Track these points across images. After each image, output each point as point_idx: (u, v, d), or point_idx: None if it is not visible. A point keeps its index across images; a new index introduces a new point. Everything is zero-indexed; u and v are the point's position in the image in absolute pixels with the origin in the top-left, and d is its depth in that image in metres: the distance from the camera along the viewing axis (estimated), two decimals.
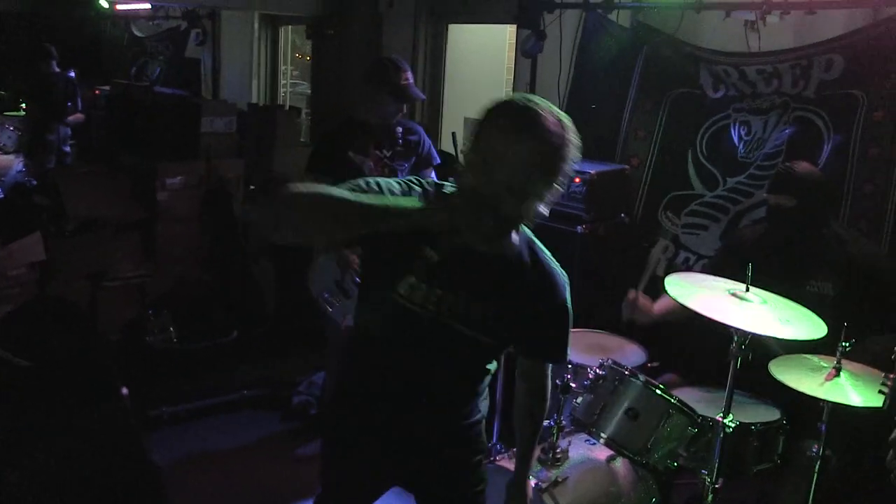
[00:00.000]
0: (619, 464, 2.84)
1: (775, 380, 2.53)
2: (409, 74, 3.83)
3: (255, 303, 5.45)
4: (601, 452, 2.87)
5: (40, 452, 3.13)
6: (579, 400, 2.74)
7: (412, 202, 1.82)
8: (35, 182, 6.47)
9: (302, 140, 6.59)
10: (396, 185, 1.90)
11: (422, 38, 6.07)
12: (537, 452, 2.40)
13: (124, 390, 3.61)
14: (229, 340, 4.97)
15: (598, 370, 2.72)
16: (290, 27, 7.71)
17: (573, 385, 2.78)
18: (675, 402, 2.57)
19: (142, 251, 5.23)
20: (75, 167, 6.91)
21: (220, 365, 4.72)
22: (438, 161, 4.16)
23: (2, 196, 6.16)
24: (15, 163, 7.06)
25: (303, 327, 4.73)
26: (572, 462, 2.77)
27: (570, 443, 2.87)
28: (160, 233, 5.27)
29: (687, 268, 4.15)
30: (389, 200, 1.80)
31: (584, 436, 2.95)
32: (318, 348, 4.59)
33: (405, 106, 3.85)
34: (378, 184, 1.87)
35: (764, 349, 2.61)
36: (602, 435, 2.62)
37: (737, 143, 4.09)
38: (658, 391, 2.59)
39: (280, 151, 6.12)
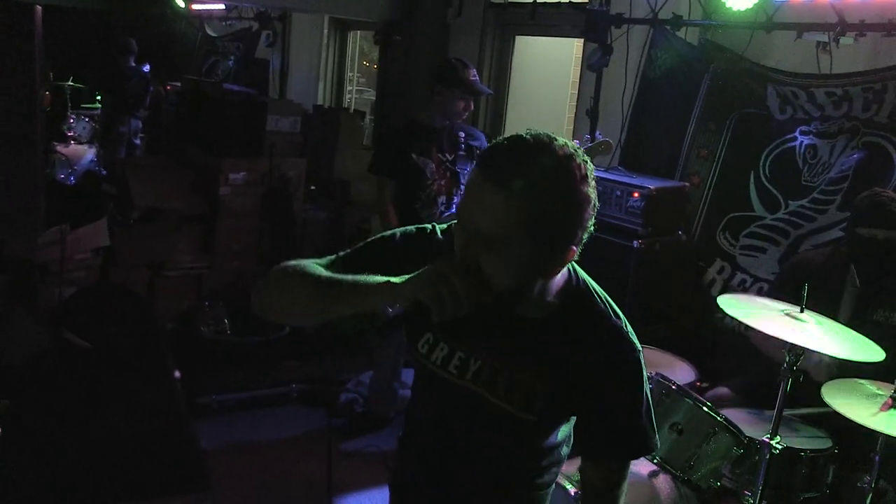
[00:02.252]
0: (661, 480, 2.80)
1: (827, 404, 2.48)
2: (475, 72, 3.87)
3: None
4: (644, 467, 2.83)
5: (96, 427, 3.23)
6: None
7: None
8: (105, 171, 6.69)
9: (364, 144, 6.66)
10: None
11: (488, 49, 6.10)
12: None
13: (177, 374, 3.71)
14: (281, 336, 5.04)
15: None
16: (358, 33, 7.82)
17: None
18: (721, 420, 2.52)
19: (201, 244, 5.36)
20: (143, 159, 7.12)
21: (271, 359, 4.78)
22: None
23: (73, 183, 6.39)
24: (88, 152, 7.31)
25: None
26: None
27: None
28: (220, 227, 5.38)
29: (743, 290, 4.09)
30: (361, 278, 1.47)
31: None
32: (367, 349, 4.65)
33: (471, 105, 3.88)
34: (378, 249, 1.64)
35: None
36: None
37: (801, 167, 4.02)
38: (705, 408, 2.55)
39: (342, 153, 6.22)
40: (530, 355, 1.53)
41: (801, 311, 2.40)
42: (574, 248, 1.44)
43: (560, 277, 1.55)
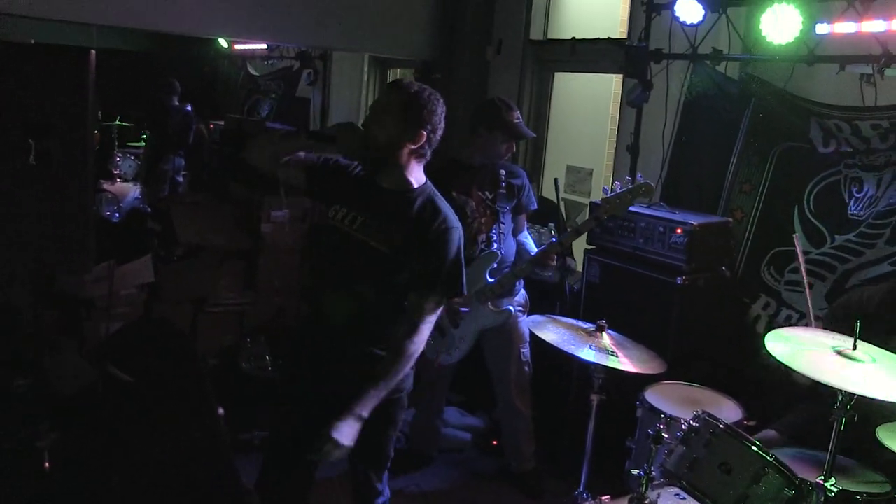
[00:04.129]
0: None
1: (883, 446, 2.42)
2: (518, 114, 3.89)
3: None
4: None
5: (141, 462, 3.25)
6: (671, 452, 2.67)
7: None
8: (149, 209, 6.81)
9: None
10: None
11: (527, 85, 6.14)
12: (381, 393, 2.55)
13: (220, 411, 3.73)
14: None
15: (691, 422, 2.64)
16: (398, 70, 7.92)
17: (665, 436, 2.71)
18: (771, 459, 2.47)
19: (244, 280, 5.41)
20: (186, 196, 7.25)
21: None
22: (535, 207, 4.19)
23: (119, 220, 6.52)
24: (133, 190, 7.47)
25: None
26: None
27: (659, 496, 2.79)
28: (262, 263, 5.44)
29: (790, 325, 4.02)
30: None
31: (675, 490, 2.86)
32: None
33: (513, 147, 3.89)
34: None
35: (873, 410, 2.49)
36: (693, 487, 2.53)
37: (847, 200, 3.96)
38: (754, 447, 2.50)
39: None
40: (390, 214, 2.57)
41: (854, 349, 2.34)
42: (421, 133, 2.61)
43: (420, 178, 2.67)
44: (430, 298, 2.57)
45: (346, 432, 2.46)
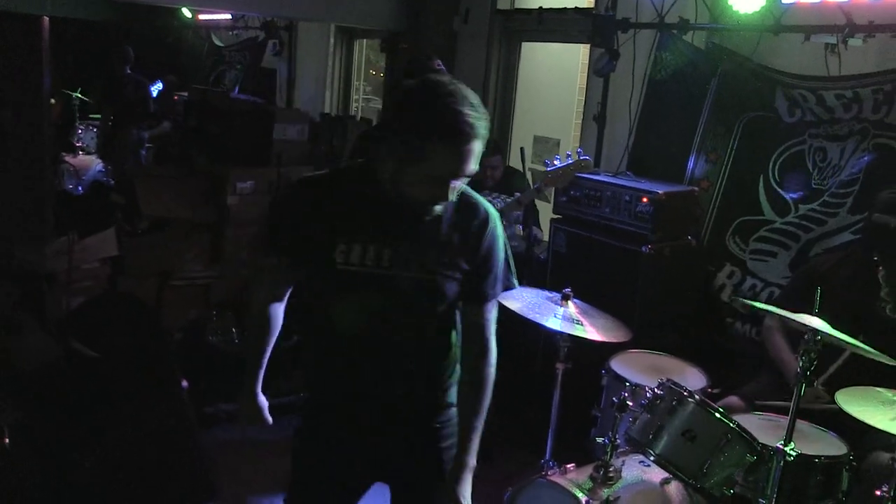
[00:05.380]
0: (673, 487, 2.77)
1: (841, 412, 2.45)
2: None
3: None
4: (655, 475, 2.81)
5: (104, 437, 3.22)
6: (635, 419, 2.69)
7: None
8: (113, 182, 6.70)
9: None
10: None
11: (495, 55, 6.10)
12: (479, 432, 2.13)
13: (184, 384, 3.70)
14: (289, 345, 5.02)
15: (656, 390, 2.66)
16: (364, 41, 7.83)
17: (630, 404, 2.73)
18: (734, 426, 2.49)
19: (210, 253, 5.35)
20: (151, 168, 7.13)
21: (280, 368, 4.77)
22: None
23: (81, 193, 6.41)
24: (96, 163, 7.33)
25: None
26: (625, 482, 2.72)
27: (623, 463, 2.82)
28: (229, 236, 5.37)
29: (754, 294, 4.06)
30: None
31: (639, 457, 2.89)
32: None
33: None
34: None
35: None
36: (657, 455, 2.55)
37: (811, 170, 3.99)
38: (717, 414, 2.52)
39: (350, 161, 6.20)
40: (418, 232, 1.99)
41: (815, 315, 2.36)
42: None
43: None
44: (494, 305, 2.16)
45: (467, 489, 2.08)
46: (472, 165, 1.86)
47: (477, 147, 1.84)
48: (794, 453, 2.38)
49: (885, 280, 3.15)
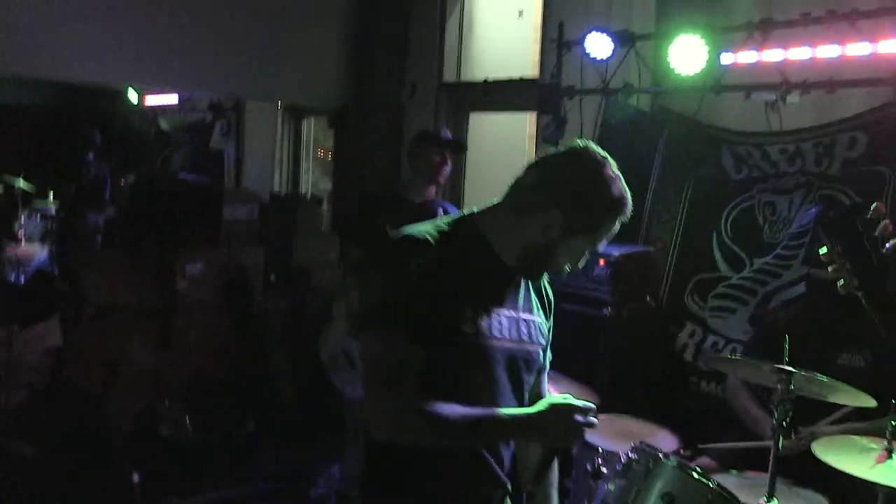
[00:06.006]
0: None
1: (820, 466, 2.39)
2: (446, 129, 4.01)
3: (273, 393, 5.35)
4: None
5: None
6: (611, 486, 2.59)
7: None
8: (57, 271, 6.50)
9: (322, 230, 6.58)
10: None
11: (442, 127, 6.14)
12: None
13: (136, 478, 3.51)
14: (246, 431, 4.85)
15: (629, 454, 2.58)
16: (312, 119, 7.84)
17: (604, 471, 2.64)
18: (714, 486, 2.41)
19: (159, 339, 5.17)
20: (96, 253, 6.95)
21: (237, 457, 4.59)
22: None
23: (23, 282, 6.18)
24: (39, 252, 7.11)
25: (320, 417, 4.65)
26: None
27: None
28: (178, 321, 5.21)
29: (716, 351, 4.03)
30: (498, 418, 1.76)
31: None
32: (336, 439, 4.48)
33: (447, 159, 3.85)
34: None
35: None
36: None
37: (762, 224, 4.03)
38: (695, 474, 2.44)
39: (301, 240, 6.11)
40: (532, 301, 1.96)
41: (786, 366, 2.31)
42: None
43: None
44: None
45: None
46: None
47: None
48: None
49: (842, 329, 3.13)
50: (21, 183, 7.79)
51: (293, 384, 5.34)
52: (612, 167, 1.84)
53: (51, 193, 7.80)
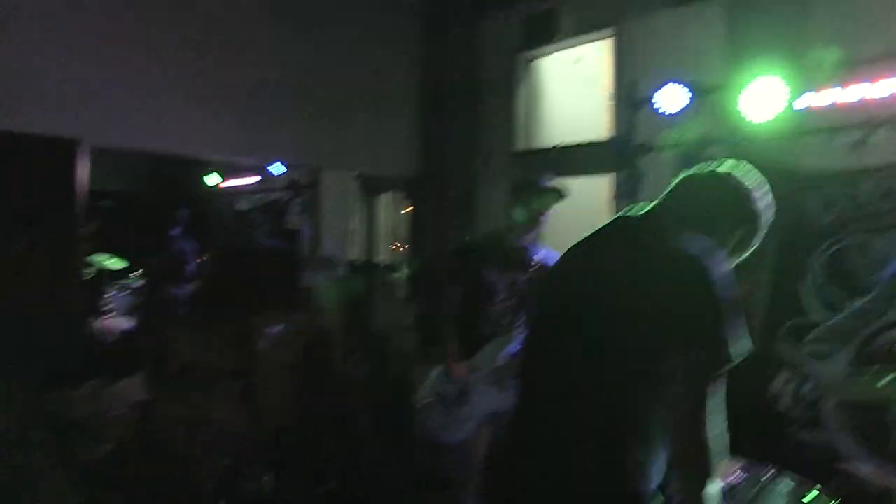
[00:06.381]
0: None
1: None
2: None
3: (354, 455, 5.29)
4: None
5: None
6: None
7: None
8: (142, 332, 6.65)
9: (399, 296, 6.62)
10: None
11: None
12: None
13: None
14: (326, 491, 4.77)
15: (739, 473, 2.44)
16: (388, 194, 8.00)
17: None
18: None
19: (240, 399, 5.20)
20: (181, 317, 7.10)
21: None
22: None
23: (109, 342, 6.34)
24: (125, 324, 7.32)
25: (401, 478, 4.59)
26: None
27: None
28: (259, 382, 5.24)
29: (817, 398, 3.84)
30: None
31: None
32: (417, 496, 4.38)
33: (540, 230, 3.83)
34: None
35: None
36: None
37: (858, 265, 3.89)
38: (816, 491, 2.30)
39: (378, 306, 6.15)
40: None
41: None
42: None
43: None
44: None
45: None
46: None
47: None
48: None
49: None
50: (110, 262, 8.12)
51: (373, 445, 5.26)
52: None
53: (136, 270, 8.09)
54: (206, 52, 5.55)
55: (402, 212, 7.96)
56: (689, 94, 4.39)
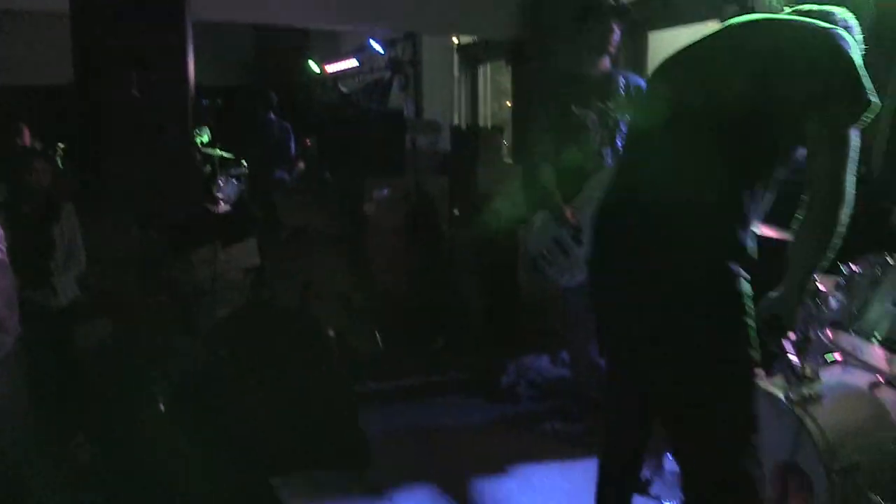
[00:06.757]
0: (886, 393, 2.36)
1: None
2: None
3: (462, 316, 5.35)
4: (859, 377, 2.40)
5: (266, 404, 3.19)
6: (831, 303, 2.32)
7: None
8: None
9: (504, 160, 6.53)
10: None
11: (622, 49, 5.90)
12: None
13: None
14: (436, 348, 4.87)
15: (853, 267, 2.30)
16: (489, 66, 7.82)
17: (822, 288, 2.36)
18: None
19: (349, 262, 5.31)
20: (289, 183, 7.32)
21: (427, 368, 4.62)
22: None
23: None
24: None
25: (509, 332, 4.63)
26: (827, 384, 2.33)
27: (818, 364, 2.44)
28: (367, 245, 5.34)
29: None
30: None
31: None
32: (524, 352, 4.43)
33: (618, 33, 3.62)
34: None
35: None
36: (873, 334, 2.16)
37: None
38: None
39: (483, 170, 6.08)
40: None
41: None
42: None
43: None
44: None
45: None
46: None
47: None
48: None
49: None
50: (217, 152, 8.38)
51: (481, 305, 5.30)
52: None
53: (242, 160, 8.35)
54: None
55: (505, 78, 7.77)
56: None
